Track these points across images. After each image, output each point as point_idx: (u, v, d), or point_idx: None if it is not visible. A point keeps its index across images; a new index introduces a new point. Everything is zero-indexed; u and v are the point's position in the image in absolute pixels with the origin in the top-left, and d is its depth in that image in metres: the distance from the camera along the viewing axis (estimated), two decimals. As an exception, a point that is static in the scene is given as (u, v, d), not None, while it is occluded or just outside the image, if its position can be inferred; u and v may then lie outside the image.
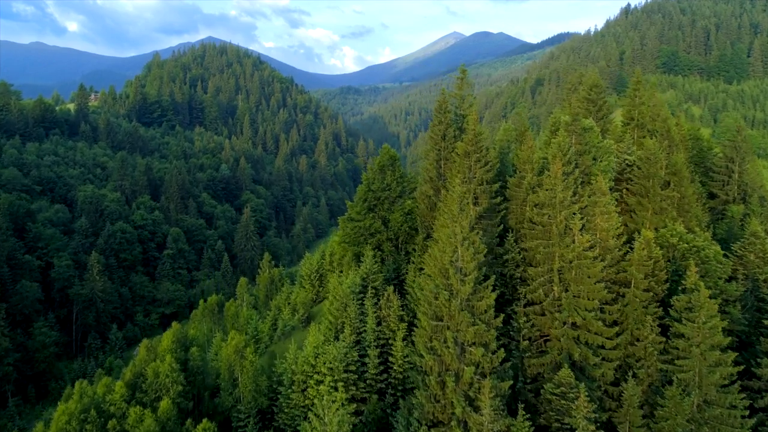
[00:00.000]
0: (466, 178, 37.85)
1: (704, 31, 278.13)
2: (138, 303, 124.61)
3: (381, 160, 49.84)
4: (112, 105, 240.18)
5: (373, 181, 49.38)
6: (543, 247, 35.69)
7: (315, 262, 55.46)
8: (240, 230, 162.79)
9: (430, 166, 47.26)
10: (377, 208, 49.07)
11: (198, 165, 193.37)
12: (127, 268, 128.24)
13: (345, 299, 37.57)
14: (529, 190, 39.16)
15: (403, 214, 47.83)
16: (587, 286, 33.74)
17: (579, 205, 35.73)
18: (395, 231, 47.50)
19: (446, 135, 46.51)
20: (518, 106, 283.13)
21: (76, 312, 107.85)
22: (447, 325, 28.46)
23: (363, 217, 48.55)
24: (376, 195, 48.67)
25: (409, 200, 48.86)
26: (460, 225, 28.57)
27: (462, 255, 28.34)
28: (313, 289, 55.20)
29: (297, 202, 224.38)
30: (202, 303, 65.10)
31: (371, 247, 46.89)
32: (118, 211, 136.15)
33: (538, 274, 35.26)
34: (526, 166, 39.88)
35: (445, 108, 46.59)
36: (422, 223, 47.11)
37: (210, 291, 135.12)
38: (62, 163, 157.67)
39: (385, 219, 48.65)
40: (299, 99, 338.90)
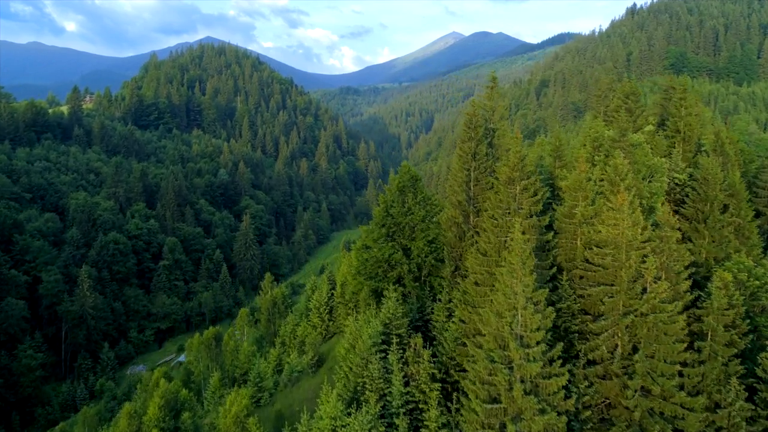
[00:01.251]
0: (509, 210, 31.83)
1: (713, 31, 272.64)
2: (132, 318, 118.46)
3: (400, 181, 43.78)
4: (107, 107, 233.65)
5: (392, 205, 43.33)
6: (606, 295, 29.68)
7: (324, 293, 49.58)
8: (239, 239, 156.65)
9: (459, 188, 41.24)
10: (397, 235, 43.03)
11: (195, 170, 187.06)
12: (120, 281, 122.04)
13: (366, 354, 31.66)
14: (582, 223, 33.17)
15: (427, 243, 41.81)
16: (665, 346, 27.74)
17: (651, 244, 29.73)
18: (418, 262, 41.49)
19: (477, 153, 40.49)
20: (523, 108, 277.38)
21: (65, 330, 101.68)
22: (505, 409, 22.58)
23: (381, 246, 42.53)
24: (395, 221, 42.61)
25: (433, 226, 42.83)
26: (522, 282, 22.68)
27: (525, 321, 22.46)
28: (322, 323, 49.19)
29: (297, 207, 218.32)
30: (197, 337, 59.32)
31: (391, 282, 40.86)
32: (112, 221, 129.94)
33: (602, 329, 29.24)
34: (577, 194, 33.88)
35: (476, 122, 40.55)
36: (450, 254, 41.10)
37: (208, 304, 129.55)
38: (54, 169, 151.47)
39: (406, 248, 42.63)
40: (299, 100, 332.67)
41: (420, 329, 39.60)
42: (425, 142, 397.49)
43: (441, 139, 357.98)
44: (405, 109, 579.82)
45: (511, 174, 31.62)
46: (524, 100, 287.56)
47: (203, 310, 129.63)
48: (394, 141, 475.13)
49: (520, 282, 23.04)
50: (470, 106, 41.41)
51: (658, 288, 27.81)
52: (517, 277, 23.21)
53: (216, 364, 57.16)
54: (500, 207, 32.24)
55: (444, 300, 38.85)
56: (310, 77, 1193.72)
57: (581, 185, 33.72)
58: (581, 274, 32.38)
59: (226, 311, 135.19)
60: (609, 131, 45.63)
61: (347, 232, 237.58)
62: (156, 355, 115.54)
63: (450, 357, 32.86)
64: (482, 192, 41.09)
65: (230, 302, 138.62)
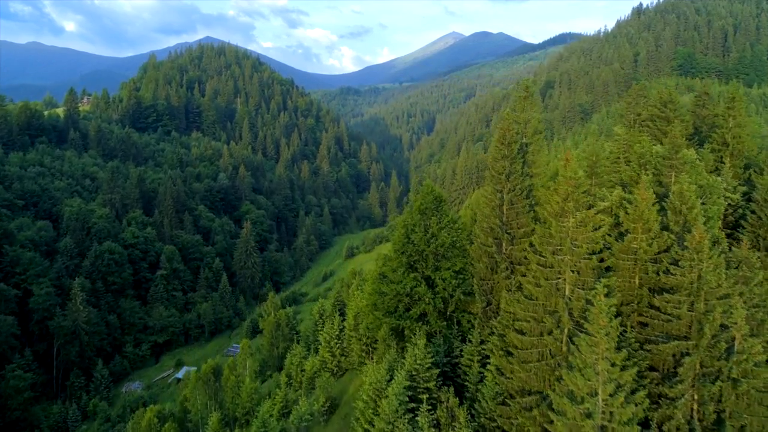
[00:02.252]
0: (561, 247, 26.91)
1: (722, 32, 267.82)
2: (128, 331, 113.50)
3: (423, 202, 38.86)
4: (104, 110, 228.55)
5: (414, 230, 38.41)
6: (682, 352, 24.77)
7: (336, 325, 44.74)
8: (240, 246, 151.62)
9: (491, 212, 36.35)
10: (419, 264, 38.13)
11: (195, 174, 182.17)
12: (115, 293, 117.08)
13: (392, 417, 26.83)
14: (646, 260, 28.25)
15: (453, 274, 36.92)
16: (759, 419, 22.82)
17: (739, 291, 24.82)
18: (444, 296, 36.60)
19: (512, 173, 35.60)
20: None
21: (57, 347, 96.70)
22: None
23: (402, 277, 37.63)
24: (417, 248, 37.71)
25: (460, 254, 37.95)
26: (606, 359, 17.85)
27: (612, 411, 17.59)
28: (333, 359, 44.33)
29: (299, 211, 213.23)
30: (194, 373, 54.50)
31: (414, 319, 36.05)
32: (107, 229, 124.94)
33: (678, 394, 24.32)
34: (636, 225, 28.96)
35: (510, 138, 35.64)
36: (481, 287, 36.25)
37: (207, 315, 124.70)
38: (48, 174, 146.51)
39: (429, 279, 37.74)
40: (300, 102, 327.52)
41: (448, 375, 34.70)
42: (427, 143, 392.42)
43: (444, 141, 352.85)
44: (406, 110, 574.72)
45: (564, 205, 26.66)
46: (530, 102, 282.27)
47: (202, 322, 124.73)
48: (396, 142, 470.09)
49: (603, 359, 18.25)
50: (503, 120, 36.52)
51: (751, 348, 22.89)
52: (599, 353, 18.42)
53: (215, 402, 52.22)
54: (549, 243, 27.30)
55: (475, 341, 33.99)
56: (309, 77, 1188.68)
57: (642, 215, 28.77)
58: (645, 321, 27.46)
59: (226, 323, 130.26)
60: (656, 146, 40.67)
61: (350, 236, 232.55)
62: (153, 370, 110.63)
63: (490, 417, 27.95)
64: (517, 217, 36.24)
65: (230, 313, 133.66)
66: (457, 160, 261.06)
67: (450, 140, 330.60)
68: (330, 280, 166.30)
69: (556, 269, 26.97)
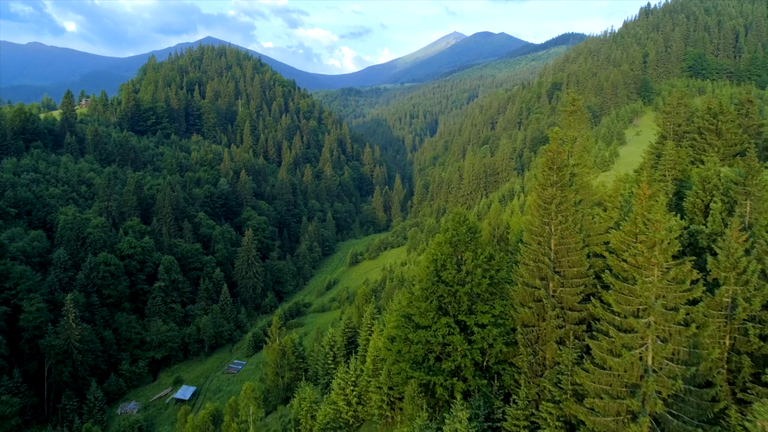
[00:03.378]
0: (644, 306, 21.61)
1: (733, 32, 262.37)
2: (124, 347, 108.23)
3: (454, 234, 33.54)
4: (102, 112, 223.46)
5: (444, 266, 33.12)
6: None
7: (352, 370, 39.56)
8: (241, 255, 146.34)
9: (537, 247, 31.06)
10: (450, 307, 32.82)
11: (194, 179, 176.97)
12: (111, 306, 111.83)
13: None
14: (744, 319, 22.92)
15: (492, 320, 31.63)
16: None
17: None
18: (483, 346, 31.29)
19: (562, 203, 30.30)
20: (535, 111, 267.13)
21: (48, 367, 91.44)
22: None
23: (432, 322, 32.37)
24: (450, 289, 32.39)
25: (499, 295, 32.67)
26: None
27: None
28: (348, 408, 39.17)
29: (302, 217, 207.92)
30: (191, 419, 49.28)
31: (447, 374, 30.80)
32: (103, 239, 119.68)
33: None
34: (728, 275, 23.66)
35: (560, 162, 30.34)
36: (525, 336, 30.95)
37: (207, 329, 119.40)
38: (43, 180, 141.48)
39: (464, 325, 32.45)
40: (302, 103, 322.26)
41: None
42: (431, 145, 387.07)
43: (447, 143, 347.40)
44: (408, 111, 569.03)
45: (650, 255, 21.30)
46: (536, 104, 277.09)
47: (202, 337, 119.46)
48: (399, 144, 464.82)
49: None
50: (552, 140, 31.13)
51: None
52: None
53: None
54: (630, 302, 21.97)
55: (521, 402, 28.70)
56: (310, 77, 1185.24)
57: (738, 263, 23.40)
58: (750, 399, 22.09)
59: (227, 336, 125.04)
60: (724, 168, 35.34)
61: (353, 242, 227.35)
62: (150, 389, 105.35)
63: None
64: (568, 254, 30.91)
65: (231, 326, 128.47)
66: (462, 163, 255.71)
67: (454, 142, 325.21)
68: (334, 290, 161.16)
69: (638, 335, 21.64)
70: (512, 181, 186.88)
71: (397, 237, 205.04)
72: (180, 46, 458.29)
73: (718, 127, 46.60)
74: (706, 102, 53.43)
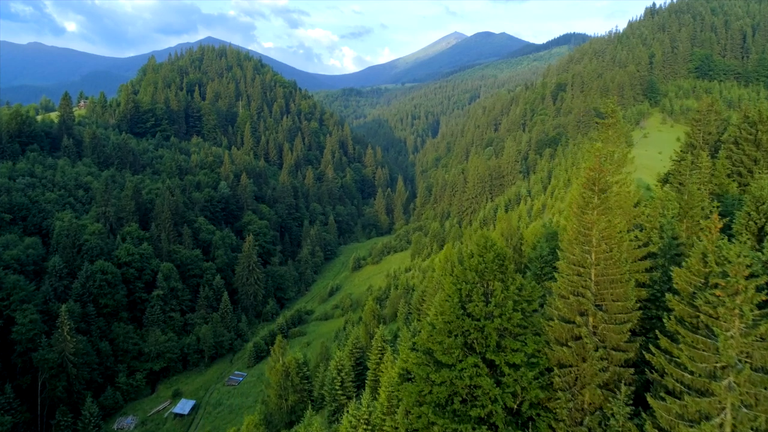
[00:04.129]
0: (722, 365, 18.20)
1: (740, 32, 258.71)
2: (121, 359, 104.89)
3: (479, 261, 30.07)
4: (100, 114, 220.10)
5: (470, 297, 29.67)
6: None
7: (364, 405, 36.27)
8: (242, 261, 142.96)
9: (578, 279, 27.64)
10: (478, 344, 29.37)
11: (194, 183, 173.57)
12: (108, 316, 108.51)
13: None
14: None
15: (525, 359, 28.18)
16: None
17: None
18: (516, 389, 27.84)
19: (605, 229, 26.84)
20: (539, 113, 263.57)
21: (42, 381, 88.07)
22: None
23: (456, 360, 28.95)
24: (477, 324, 28.95)
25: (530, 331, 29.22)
26: None
27: None
28: (362, 448, 36.18)
29: (304, 221, 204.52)
30: None
31: (475, 422, 27.42)
32: (99, 246, 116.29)
33: None
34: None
35: (602, 183, 26.88)
36: (563, 379, 27.53)
37: (207, 339, 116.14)
38: (39, 185, 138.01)
39: (493, 365, 29.02)
40: (303, 104, 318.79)
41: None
42: (433, 146, 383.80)
43: (450, 144, 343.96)
44: (410, 112, 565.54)
45: (733, 306, 17.86)
46: (540, 105, 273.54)
47: (202, 347, 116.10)
48: (400, 145, 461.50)
49: None
50: (592, 157, 27.66)
51: None
52: None
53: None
54: (705, 359, 18.52)
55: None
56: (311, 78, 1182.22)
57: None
58: None
59: (227, 346, 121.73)
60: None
61: (356, 245, 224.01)
62: (148, 402, 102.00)
63: None
64: (612, 286, 27.47)
65: (232, 335, 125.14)
66: (466, 164, 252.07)
67: (457, 144, 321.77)
68: (337, 296, 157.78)
69: (716, 399, 18.19)
70: (518, 185, 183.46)
71: (400, 241, 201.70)
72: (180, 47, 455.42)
73: (757, 137, 43.15)
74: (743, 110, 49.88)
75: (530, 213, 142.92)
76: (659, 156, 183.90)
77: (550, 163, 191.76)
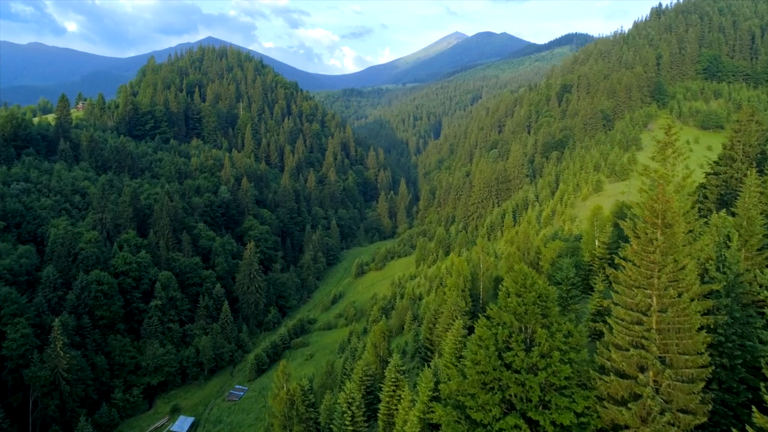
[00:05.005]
0: None
1: (749, 33, 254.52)
2: (117, 373, 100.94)
3: (518, 302, 26.13)
4: (99, 116, 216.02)
5: (508, 345, 25.72)
6: None
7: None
8: (242, 269, 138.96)
9: (639, 328, 23.64)
10: (518, 400, 25.40)
11: (194, 187, 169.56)
12: (104, 328, 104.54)
13: None
14: None
15: (575, 420, 24.21)
16: None
17: None
18: (563, 456, 23.90)
19: (672, 271, 22.86)
20: (544, 115, 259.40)
21: (33, 399, 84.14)
22: None
23: (493, 419, 25.01)
24: (518, 377, 24.99)
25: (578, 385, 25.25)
26: None
27: None
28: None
29: (306, 225, 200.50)
30: None
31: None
32: (95, 255, 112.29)
33: None
34: None
35: (669, 215, 22.90)
36: (620, 445, 23.54)
37: (206, 351, 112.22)
38: (34, 190, 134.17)
39: (536, 425, 25.06)
40: (305, 106, 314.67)
41: None
42: (435, 148, 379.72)
43: (453, 146, 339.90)
44: (412, 112, 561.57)
45: None
46: (545, 107, 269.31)
47: (201, 359, 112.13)
48: (402, 146, 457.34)
49: None
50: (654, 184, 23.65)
51: None
52: None
53: None
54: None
55: None
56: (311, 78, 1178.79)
57: None
58: None
59: (228, 358, 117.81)
60: None
61: (358, 249, 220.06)
62: (145, 419, 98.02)
63: None
64: (678, 335, 23.47)
65: (232, 346, 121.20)
66: (470, 167, 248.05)
67: (460, 146, 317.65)
68: (340, 304, 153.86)
69: None
70: (525, 189, 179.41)
71: (404, 246, 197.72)
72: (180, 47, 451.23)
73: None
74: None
75: (539, 219, 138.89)
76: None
77: (557, 166, 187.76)
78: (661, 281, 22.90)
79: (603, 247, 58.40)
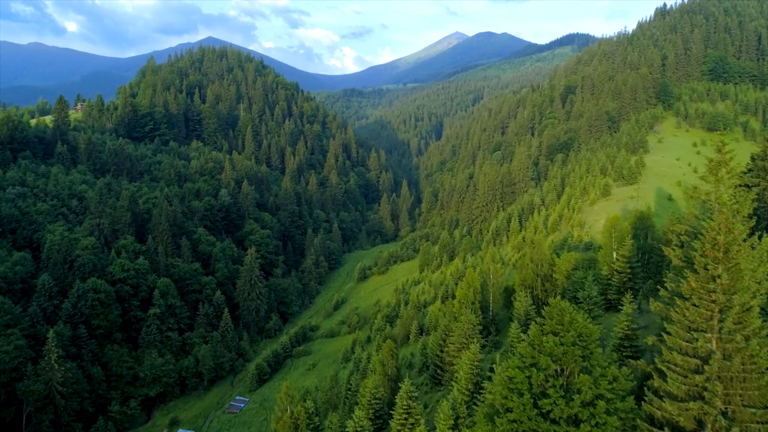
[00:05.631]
0: None
1: (755, 33, 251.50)
2: (114, 385, 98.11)
3: (556, 342, 23.22)
4: (97, 118, 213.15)
5: (544, 392, 22.83)
6: None
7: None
8: (243, 274, 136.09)
9: (697, 377, 20.74)
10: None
11: (194, 191, 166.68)
12: (101, 338, 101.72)
13: None
14: None
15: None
16: None
17: None
18: None
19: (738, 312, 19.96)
20: (548, 116, 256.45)
21: (27, 414, 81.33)
22: None
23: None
24: (557, 429, 22.08)
25: None
26: None
27: None
28: None
29: (307, 228, 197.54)
30: None
31: None
32: (92, 262, 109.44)
33: None
34: None
35: (735, 252, 20.00)
36: None
37: (206, 361, 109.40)
38: (30, 194, 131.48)
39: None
40: (306, 107, 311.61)
41: None
42: (437, 149, 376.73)
43: (455, 148, 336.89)
44: (413, 113, 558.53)
45: None
46: (548, 108, 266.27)
47: (201, 369, 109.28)
48: (404, 147, 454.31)
49: None
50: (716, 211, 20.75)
51: None
52: None
53: None
54: None
55: None
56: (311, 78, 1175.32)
57: None
58: None
59: (228, 367, 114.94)
60: None
61: (360, 253, 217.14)
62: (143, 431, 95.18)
63: None
64: (744, 379, 20.56)
65: (232, 354, 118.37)
66: (473, 169, 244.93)
67: (462, 147, 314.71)
68: (342, 310, 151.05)
69: None
70: (531, 193, 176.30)
71: (407, 249, 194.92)
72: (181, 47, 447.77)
73: None
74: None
75: (546, 224, 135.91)
76: (677, 163, 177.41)
77: (562, 169, 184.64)
78: (726, 324, 20.00)
79: (623, 260, 55.53)
